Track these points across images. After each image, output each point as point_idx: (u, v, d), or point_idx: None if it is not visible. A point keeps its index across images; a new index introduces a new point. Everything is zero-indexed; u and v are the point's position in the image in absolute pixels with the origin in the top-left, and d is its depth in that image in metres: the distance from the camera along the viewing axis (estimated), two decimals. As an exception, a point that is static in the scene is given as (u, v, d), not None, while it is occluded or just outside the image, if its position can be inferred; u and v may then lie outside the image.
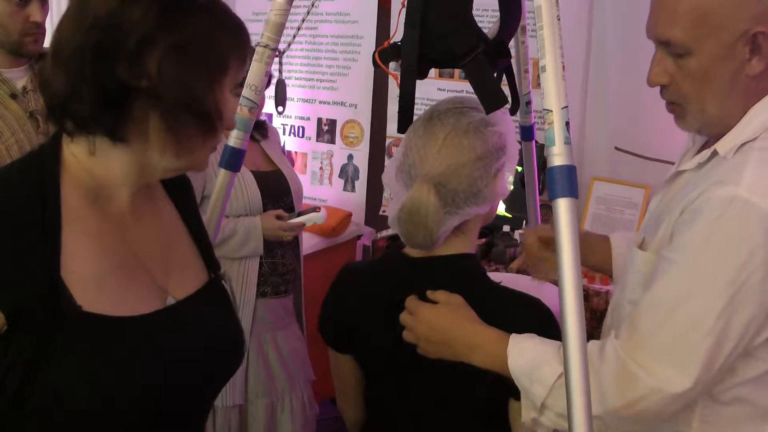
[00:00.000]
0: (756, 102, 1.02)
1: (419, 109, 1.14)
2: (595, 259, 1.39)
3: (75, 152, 0.88)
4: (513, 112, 1.14)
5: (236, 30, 0.90)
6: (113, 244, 0.90)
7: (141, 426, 0.87)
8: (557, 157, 0.90)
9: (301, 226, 2.20)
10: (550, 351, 1.01)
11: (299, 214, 2.17)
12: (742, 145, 1.01)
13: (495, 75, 1.16)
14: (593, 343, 1.02)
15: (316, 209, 2.17)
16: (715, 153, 1.04)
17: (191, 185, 1.11)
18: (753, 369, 1.00)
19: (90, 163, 0.88)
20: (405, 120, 1.16)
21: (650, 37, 1.08)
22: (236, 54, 0.89)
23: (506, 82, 1.22)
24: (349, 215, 3.02)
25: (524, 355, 1.02)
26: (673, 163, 1.20)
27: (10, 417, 0.80)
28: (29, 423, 0.81)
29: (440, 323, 1.08)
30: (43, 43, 1.84)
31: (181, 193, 1.06)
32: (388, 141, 3.13)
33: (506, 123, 1.17)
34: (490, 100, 1.08)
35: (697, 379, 0.94)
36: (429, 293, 1.12)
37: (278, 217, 2.15)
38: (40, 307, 0.79)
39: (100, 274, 0.86)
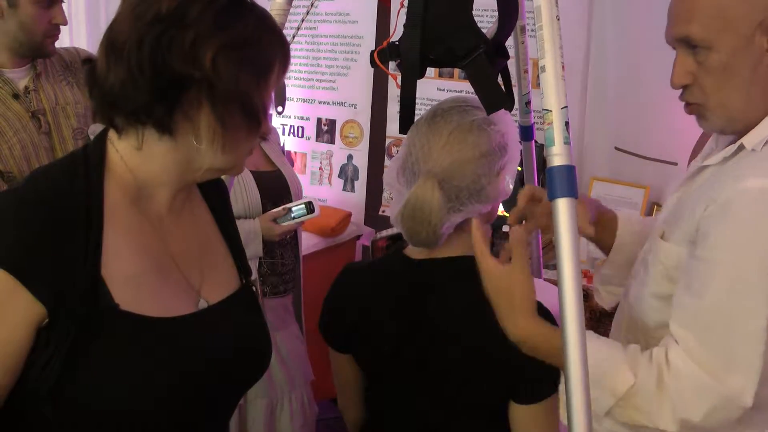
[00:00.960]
0: None
1: (419, 110, 1.14)
2: (598, 235, 1.33)
3: (120, 149, 0.91)
4: (509, 110, 1.14)
5: (280, 35, 0.94)
6: (152, 245, 0.92)
7: (168, 425, 0.90)
8: (557, 157, 0.90)
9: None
10: (618, 357, 0.99)
11: (290, 210, 2.17)
12: None
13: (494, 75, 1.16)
14: (653, 351, 1.00)
15: (308, 203, 2.16)
16: (741, 147, 1.03)
17: (227, 191, 1.13)
18: None
19: (134, 161, 0.90)
20: (406, 120, 1.17)
21: (669, 41, 1.08)
22: (280, 57, 0.93)
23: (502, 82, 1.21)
24: (349, 215, 3.02)
25: (590, 358, 0.96)
26: (673, 163, 1.19)
27: (46, 407, 0.83)
28: (65, 417, 0.84)
29: (524, 293, 1.00)
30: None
31: (217, 198, 1.09)
32: (387, 141, 3.13)
33: (508, 123, 1.17)
34: (492, 100, 1.08)
35: (756, 381, 0.94)
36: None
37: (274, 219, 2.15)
38: (80, 303, 0.82)
39: (138, 274, 0.89)
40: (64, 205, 0.85)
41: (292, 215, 2.15)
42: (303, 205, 2.17)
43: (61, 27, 1.85)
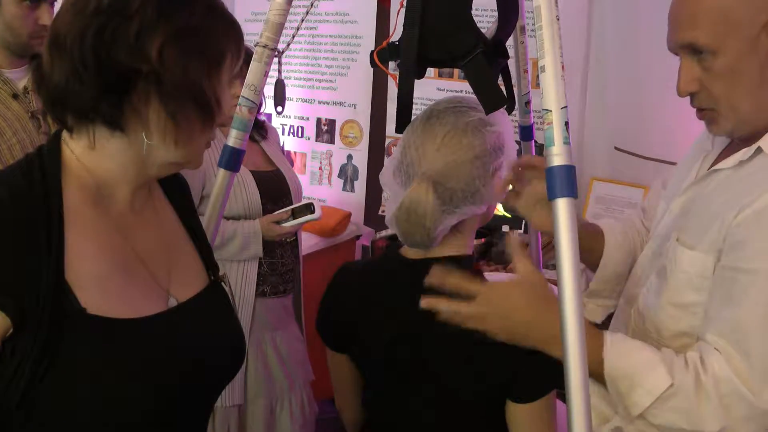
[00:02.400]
0: None
1: (418, 109, 1.14)
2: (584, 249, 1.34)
3: (75, 149, 0.88)
4: (509, 111, 1.14)
5: (232, 23, 0.92)
6: (116, 244, 0.90)
7: (143, 427, 0.88)
8: (556, 157, 0.90)
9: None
10: (656, 358, 0.98)
11: (292, 211, 2.17)
12: None
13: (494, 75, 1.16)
14: (687, 355, 0.99)
15: (309, 206, 2.16)
16: (759, 151, 1.02)
17: (189, 187, 1.12)
18: None
19: (90, 160, 0.88)
20: (403, 120, 1.16)
21: (673, 48, 1.07)
22: (232, 47, 0.91)
23: (502, 82, 1.21)
24: (348, 215, 3.02)
25: (627, 358, 0.97)
26: (673, 164, 1.19)
27: (17, 420, 0.80)
28: (36, 425, 0.81)
29: (520, 302, 1.00)
30: None
31: (179, 195, 1.07)
32: (387, 141, 3.13)
33: (504, 123, 1.17)
34: (490, 100, 1.08)
35: None
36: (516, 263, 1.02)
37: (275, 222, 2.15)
38: (45, 310, 0.79)
39: (103, 275, 0.86)
40: (23, 209, 0.82)
41: (293, 217, 2.15)
42: (304, 207, 2.17)
43: None
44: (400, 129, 1.17)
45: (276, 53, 1.30)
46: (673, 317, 1.08)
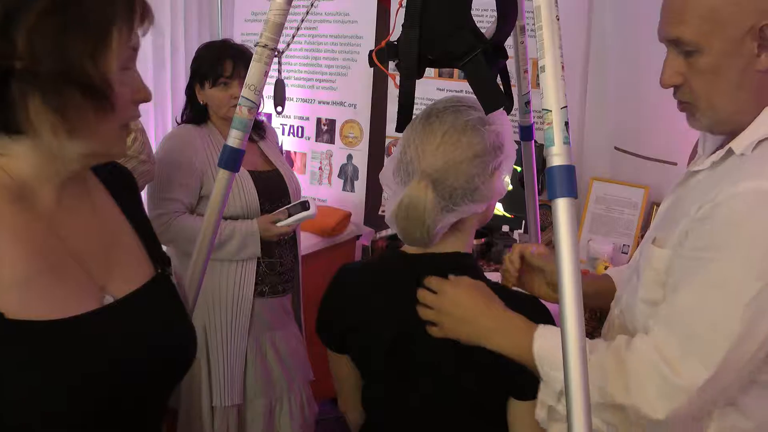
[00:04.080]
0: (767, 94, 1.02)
1: (418, 109, 1.14)
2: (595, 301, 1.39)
3: None
4: (508, 111, 1.14)
5: None
6: (43, 244, 0.86)
7: (81, 429, 0.84)
8: (556, 157, 0.90)
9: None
10: None
11: (288, 209, 2.16)
12: (761, 141, 1.00)
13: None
14: (621, 337, 1.03)
15: (304, 203, 2.16)
16: (730, 152, 1.04)
17: (133, 180, 1.08)
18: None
19: (5, 164, 0.84)
20: (404, 120, 1.16)
21: (661, 39, 1.08)
22: (121, 14, 0.80)
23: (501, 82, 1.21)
24: (348, 215, 3.02)
25: (550, 341, 1.03)
26: (673, 163, 1.20)
27: None
28: None
29: (468, 301, 1.10)
30: None
31: (122, 189, 1.03)
32: (387, 141, 3.13)
33: (504, 123, 1.17)
34: (490, 100, 1.08)
35: (714, 376, 0.94)
36: (451, 277, 1.13)
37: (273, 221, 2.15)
38: None
39: (27, 277, 0.82)
40: None
41: (289, 215, 2.15)
42: (299, 205, 2.16)
43: None
44: (400, 128, 1.17)
45: (276, 53, 1.30)
46: (644, 313, 1.10)
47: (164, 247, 2.21)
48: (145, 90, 0.87)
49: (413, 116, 1.18)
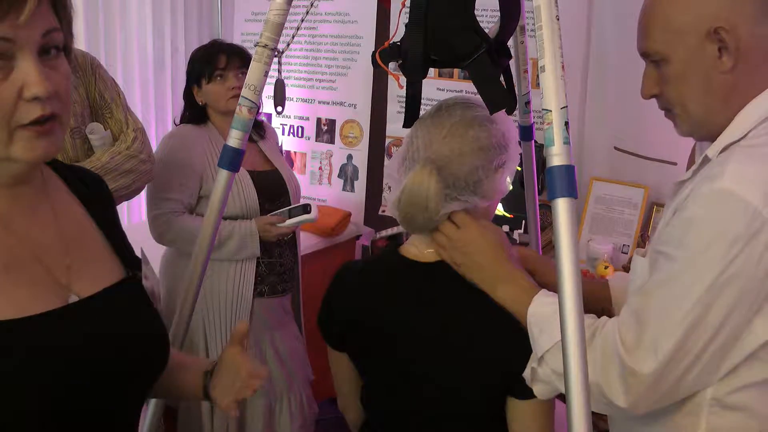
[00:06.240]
0: (741, 99, 1.04)
1: (420, 110, 1.14)
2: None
3: None
4: (510, 111, 1.15)
5: None
6: (0, 242, 0.85)
7: (44, 428, 0.83)
8: (556, 157, 0.90)
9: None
10: None
11: (289, 211, 2.16)
12: (728, 145, 1.03)
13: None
14: (604, 318, 1.06)
15: (306, 206, 2.16)
16: (706, 159, 1.06)
17: (102, 183, 1.07)
18: (757, 372, 1.00)
19: None
20: (411, 118, 1.17)
21: (639, 54, 1.15)
22: None
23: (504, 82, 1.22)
24: (348, 215, 3.02)
25: (545, 307, 1.06)
26: (673, 163, 1.21)
27: None
28: None
29: (485, 247, 1.14)
30: None
31: (88, 192, 1.02)
32: (387, 141, 3.13)
33: (509, 126, 1.19)
34: (494, 99, 1.08)
35: (665, 364, 0.96)
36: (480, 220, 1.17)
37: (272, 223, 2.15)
38: None
39: None
40: None
41: (290, 218, 2.15)
42: (301, 208, 2.16)
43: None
44: (407, 124, 1.19)
45: (276, 53, 1.30)
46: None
47: (163, 248, 2.21)
48: (37, 85, 0.78)
49: (419, 115, 1.19)
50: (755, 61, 1.02)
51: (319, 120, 3.33)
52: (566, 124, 0.91)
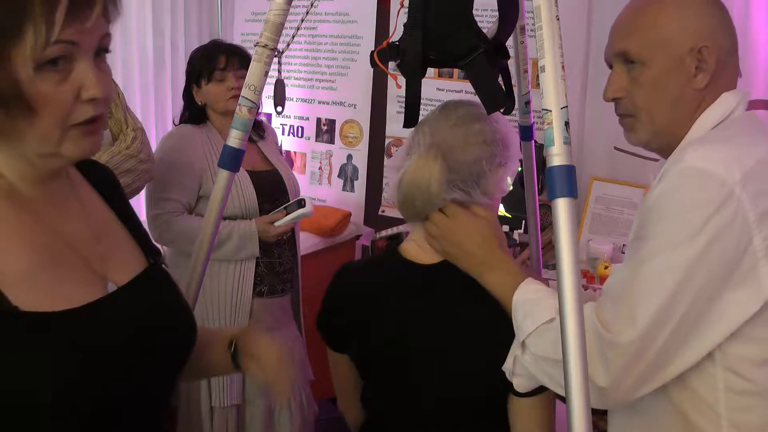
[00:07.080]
0: (699, 111, 1.10)
1: (420, 110, 1.15)
2: None
3: None
4: (508, 111, 1.16)
5: None
6: (40, 237, 0.86)
7: (92, 415, 0.85)
8: (556, 157, 0.90)
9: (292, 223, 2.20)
10: (554, 298, 1.04)
11: (285, 208, 2.16)
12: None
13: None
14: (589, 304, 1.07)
15: (300, 201, 2.16)
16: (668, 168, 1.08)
17: (115, 178, 1.09)
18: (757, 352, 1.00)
19: None
20: (411, 118, 1.17)
21: (607, 59, 1.19)
22: (33, 8, 0.75)
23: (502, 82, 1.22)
24: (348, 215, 3.02)
25: (531, 294, 1.08)
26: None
27: None
28: None
29: (474, 234, 1.15)
30: None
31: (106, 186, 1.05)
32: (387, 141, 3.13)
33: (510, 129, 1.21)
34: (491, 100, 1.09)
35: (643, 333, 0.96)
36: (473, 207, 1.17)
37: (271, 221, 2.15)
38: None
39: (31, 270, 0.83)
40: None
41: (286, 214, 2.15)
42: (296, 203, 2.16)
43: None
44: (408, 124, 1.19)
45: (276, 53, 1.30)
46: None
47: (163, 249, 2.21)
48: (95, 87, 0.81)
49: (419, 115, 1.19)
50: (720, 83, 1.09)
51: (318, 120, 3.33)
52: (566, 124, 0.91)
